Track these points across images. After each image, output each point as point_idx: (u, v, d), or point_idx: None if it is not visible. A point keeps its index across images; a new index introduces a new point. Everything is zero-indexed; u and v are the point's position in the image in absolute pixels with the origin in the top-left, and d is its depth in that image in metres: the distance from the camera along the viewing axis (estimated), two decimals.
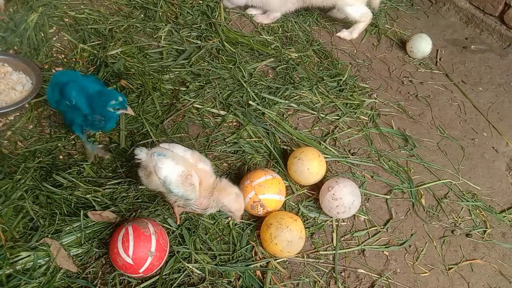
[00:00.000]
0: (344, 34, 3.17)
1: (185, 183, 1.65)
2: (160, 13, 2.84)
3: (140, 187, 1.92)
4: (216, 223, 1.88)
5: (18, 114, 2.12)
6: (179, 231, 1.80)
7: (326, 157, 2.23)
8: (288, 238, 1.75)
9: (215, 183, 1.73)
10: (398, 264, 1.95)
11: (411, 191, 2.25)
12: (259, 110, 2.42)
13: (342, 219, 2.04)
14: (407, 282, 1.90)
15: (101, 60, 2.42)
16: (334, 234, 1.98)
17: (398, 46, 3.25)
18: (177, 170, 1.65)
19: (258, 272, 1.77)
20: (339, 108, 2.59)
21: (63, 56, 2.43)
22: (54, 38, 2.49)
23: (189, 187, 1.66)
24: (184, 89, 2.44)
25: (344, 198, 1.92)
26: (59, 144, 2.02)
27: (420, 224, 2.13)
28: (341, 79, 2.76)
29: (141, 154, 1.70)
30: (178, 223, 1.82)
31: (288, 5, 2.98)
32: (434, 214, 2.19)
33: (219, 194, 1.71)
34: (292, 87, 2.60)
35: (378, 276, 1.88)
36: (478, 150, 2.61)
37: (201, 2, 3.04)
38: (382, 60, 3.11)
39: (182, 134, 2.22)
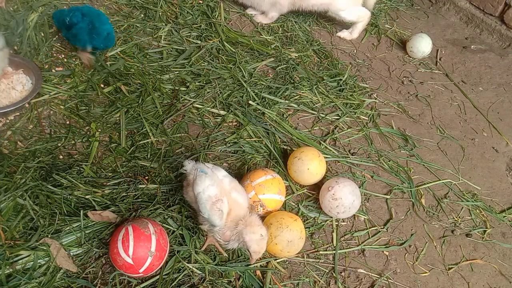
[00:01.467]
0: (344, 34, 3.16)
1: (213, 206, 1.60)
2: (160, 13, 2.85)
3: (140, 186, 1.92)
4: None
5: (18, 114, 2.12)
6: (179, 231, 1.80)
7: (326, 157, 2.23)
8: (288, 238, 1.75)
9: (244, 217, 1.65)
10: (398, 264, 1.95)
11: (411, 191, 2.25)
12: (259, 110, 2.42)
13: (342, 219, 2.04)
14: (407, 282, 1.90)
15: (101, 59, 2.42)
16: (334, 234, 1.98)
17: (398, 46, 3.25)
18: (211, 191, 1.61)
19: (258, 272, 1.77)
20: (339, 108, 2.59)
21: (63, 56, 2.43)
22: (54, 38, 2.49)
23: (216, 212, 1.60)
24: (184, 89, 2.44)
25: (344, 198, 1.92)
26: (59, 144, 2.02)
27: (420, 224, 2.13)
28: (341, 79, 2.76)
29: (188, 166, 1.70)
30: (203, 248, 1.77)
31: (278, 7, 2.97)
32: (434, 214, 2.19)
33: (243, 228, 1.61)
34: (292, 87, 2.60)
35: (378, 276, 1.88)
36: (478, 150, 2.61)
37: (201, 2, 3.04)
38: (382, 60, 3.11)
39: (182, 134, 2.22)
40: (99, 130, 2.12)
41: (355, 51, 3.11)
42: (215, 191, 1.62)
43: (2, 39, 2.08)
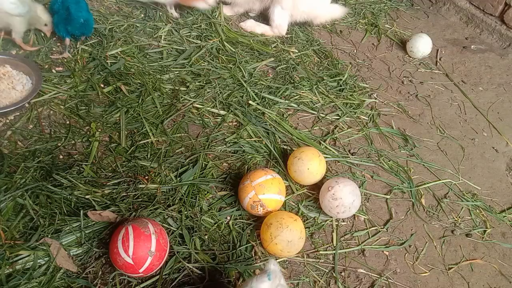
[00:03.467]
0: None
1: None
2: (160, 13, 2.85)
3: (140, 186, 1.92)
4: (216, 224, 1.88)
5: (18, 114, 2.13)
6: (179, 231, 1.80)
7: (326, 157, 2.23)
8: (288, 238, 1.75)
9: None
10: (398, 264, 1.95)
11: (411, 191, 2.25)
12: (259, 110, 2.42)
13: (342, 219, 2.04)
14: (407, 282, 1.90)
15: (101, 59, 2.42)
16: (334, 234, 1.98)
17: (398, 46, 3.26)
18: None
19: (258, 272, 1.77)
20: (339, 108, 2.59)
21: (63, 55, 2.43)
22: (54, 38, 2.49)
23: None
24: (184, 89, 2.44)
25: (344, 198, 1.92)
26: (59, 144, 2.02)
27: (420, 224, 2.13)
28: (341, 79, 2.76)
29: (270, 265, 1.51)
30: None
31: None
32: (434, 214, 2.19)
33: None
34: (292, 87, 2.61)
35: (378, 276, 1.88)
36: (478, 150, 2.61)
37: None
38: (382, 60, 3.11)
39: (182, 134, 2.22)
40: (99, 130, 2.12)
41: (355, 51, 3.11)
42: None
43: (26, 5, 2.14)
